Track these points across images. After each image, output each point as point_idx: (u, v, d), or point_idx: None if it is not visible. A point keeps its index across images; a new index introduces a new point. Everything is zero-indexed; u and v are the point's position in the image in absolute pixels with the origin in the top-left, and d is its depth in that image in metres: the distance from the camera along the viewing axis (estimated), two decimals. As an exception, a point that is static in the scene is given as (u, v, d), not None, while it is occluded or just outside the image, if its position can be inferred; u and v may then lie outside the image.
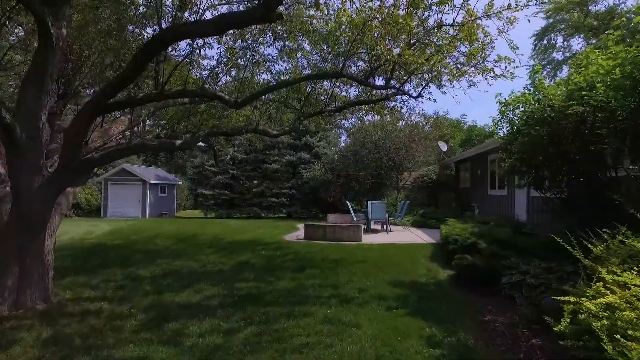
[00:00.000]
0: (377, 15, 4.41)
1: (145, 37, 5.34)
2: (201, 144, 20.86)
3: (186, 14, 4.82)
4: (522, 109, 5.82)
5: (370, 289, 5.62)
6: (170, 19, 4.79)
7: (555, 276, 4.79)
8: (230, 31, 6.35)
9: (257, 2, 3.80)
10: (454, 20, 5.14)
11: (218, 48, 5.46)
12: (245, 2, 5.41)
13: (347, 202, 13.55)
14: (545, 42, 27.14)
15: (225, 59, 5.67)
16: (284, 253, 8.59)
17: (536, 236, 7.83)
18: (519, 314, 4.29)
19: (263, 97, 7.41)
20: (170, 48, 6.29)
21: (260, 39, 5.70)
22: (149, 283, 6.21)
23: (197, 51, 5.50)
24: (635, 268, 2.88)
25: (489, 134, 29.61)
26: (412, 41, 5.37)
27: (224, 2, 5.41)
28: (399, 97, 6.94)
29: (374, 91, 7.05)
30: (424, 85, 6.04)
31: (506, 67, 5.25)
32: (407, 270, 6.83)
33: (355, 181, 19.83)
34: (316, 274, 6.54)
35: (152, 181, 25.29)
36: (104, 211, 24.96)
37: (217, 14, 5.13)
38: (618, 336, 2.26)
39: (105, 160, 4.79)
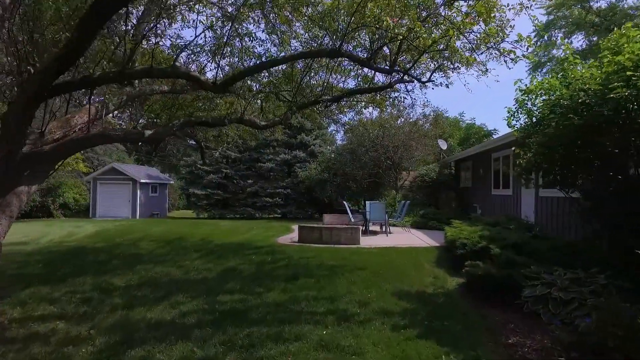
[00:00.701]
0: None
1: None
2: (192, 142, 20.04)
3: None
4: (543, 98, 5.15)
5: (372, 302, 4.92)
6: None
7: (587, 290, 4.13)
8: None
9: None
10: (468, -6, 4.47)
11: (195, 20, 4.71)
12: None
13: (344, 202, 12.86)
14: (545, 38, 26.62)
15: (204, 29, 4.91)
16: (276, 258, 7.87)
17: (551, 239, 7.19)
18: (551, 337, 3.61)
19: (253, 87, 6.70)
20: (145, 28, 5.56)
21: (246, 11, 4.96)
22: (120, 295, 5.47)
23: (167, 22, 4.76)
24: None
25: (487, 132, 29.13)
26: (420, 19, 4.68)
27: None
28: (402, 86, 6.28)
29: (375, 80, 6.36)
30: (434, 67, 5.34)
31: (527, 48, 4.59)
32: (412, 279, 6.14)
33: (352, 180, 19.15)
34: (311, 283, 5.83)
35: (142, 180, 24.48)
36: (92, 211, 24.12)
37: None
38: None
39: (59, 153, 4.06)
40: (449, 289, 5.73)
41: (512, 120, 5.72)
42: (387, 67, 5.19)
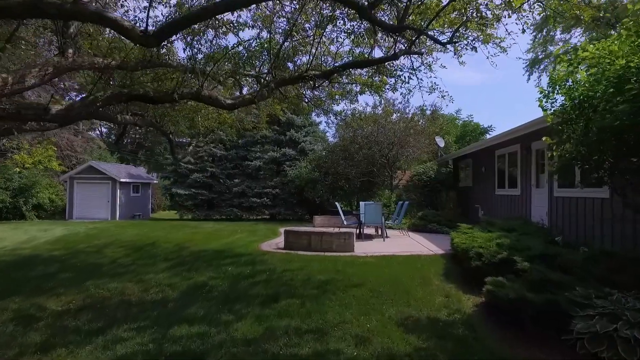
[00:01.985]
0: None
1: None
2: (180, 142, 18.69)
3: None
4: (587, 74, 4.03)
5: (373, 336, 3.75)
6: None
7: (672, 327, 2.99)
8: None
9: None
10: None
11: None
12: None
13: (337, 203, 11.68)
14: (545, 32, 25.71)
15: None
16: (256, 271, 6.65)
17: (583, 248, 6.11)
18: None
19: (222, 64, 5.45)
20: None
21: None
22: (45, 326, 4.22)
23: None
24: None
25: (483, 130, 28.24)
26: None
27: None
28: (407, 63, 5.12)
29: (373, 53, 5.19)
30: (460, 22, 4.14)
31: None
32: (419, 299, 4.98)
33: (345, 180, 17.99)
34: (293, 307, 4.63)
35: (123, 180, 23.03)
36: (69, 213, 22.63)
37: None
38: None
39: None
40: (467, 313, 4.59)
41: (545, 102, 4.59)
42: (394, 24, 4.00)
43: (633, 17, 3.40)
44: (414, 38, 4.68)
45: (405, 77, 5.54)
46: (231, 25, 4.63)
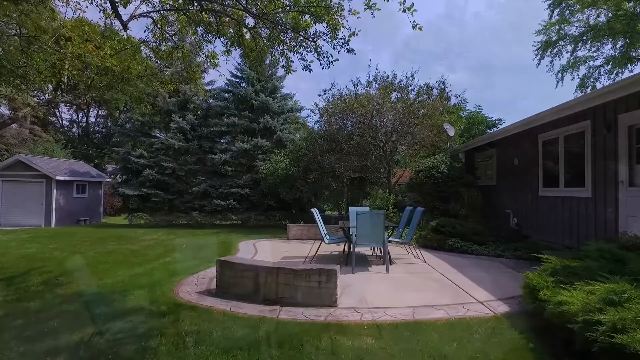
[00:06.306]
0: None
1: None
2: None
3: None
4: None
5: None
6: None
7: None
8: None
9: None
10: None
11: None
12: None
13: (314, 210, 7.71)
14: (563, 5, 22.17)
15: None
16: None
17: None
18: None
19: None
20: None
21: None
22: None
23: None
24: None
25: (491, 122, 24.64)
26: None
27: None
28: None
29: None
30: None
31: None
32: None
33: (331, 177, 14.12)
34: None
35: (60, 178, 18.74)
36: (-9, 218, 18.31)
37: None
38: None
39: None
40: None
41: None
42: None
43: None
44: None
45: None
46: None
